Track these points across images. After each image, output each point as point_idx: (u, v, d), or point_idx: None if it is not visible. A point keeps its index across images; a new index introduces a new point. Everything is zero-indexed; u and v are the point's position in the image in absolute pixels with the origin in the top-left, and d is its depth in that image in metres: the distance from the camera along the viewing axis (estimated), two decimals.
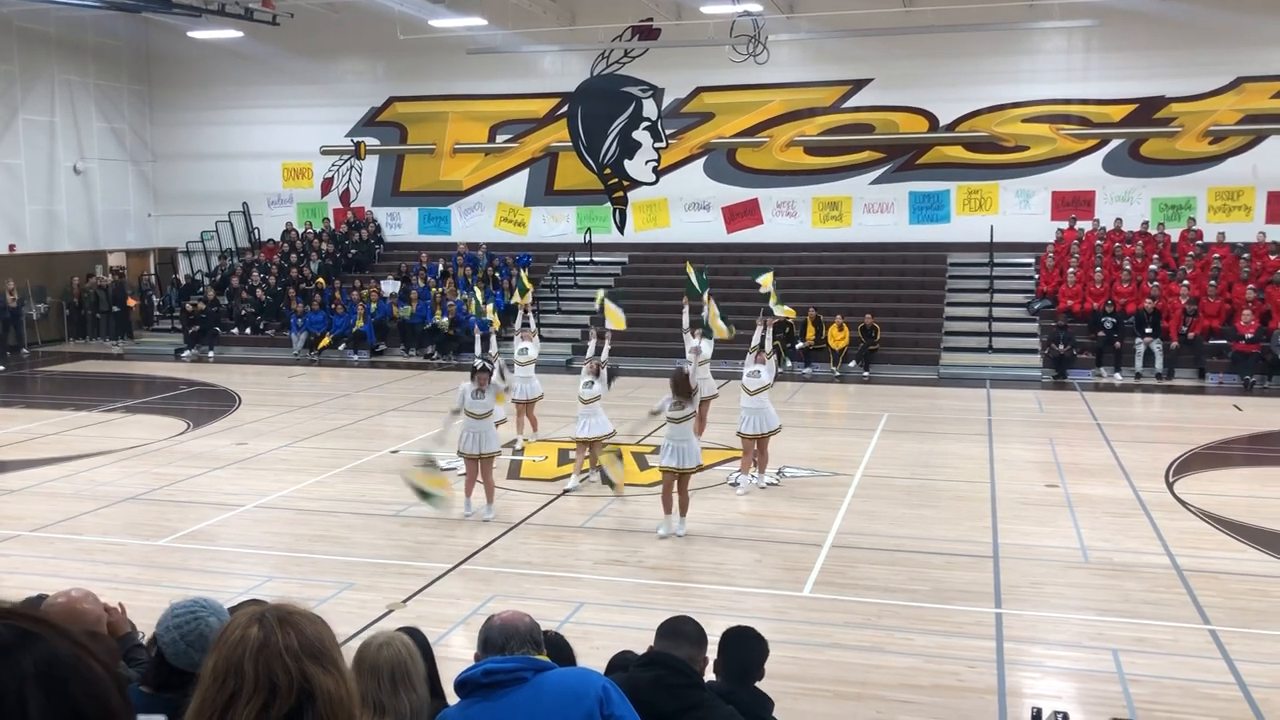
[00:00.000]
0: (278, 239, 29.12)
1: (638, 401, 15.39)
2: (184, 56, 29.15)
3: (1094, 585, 9.22)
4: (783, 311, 14.13)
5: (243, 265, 28.24)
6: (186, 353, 25.20)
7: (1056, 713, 4.43)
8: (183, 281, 28.52)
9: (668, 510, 10.70)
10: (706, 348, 13.66)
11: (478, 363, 12.19)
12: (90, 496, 12.21)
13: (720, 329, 14.26)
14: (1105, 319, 21.46)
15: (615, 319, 14.72)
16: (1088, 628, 8.23)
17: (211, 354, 25.16)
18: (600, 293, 15.63)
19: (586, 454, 12.74)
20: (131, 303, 27.45)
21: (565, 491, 12.30)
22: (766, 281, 14.98)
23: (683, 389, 10.71)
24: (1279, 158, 23.40)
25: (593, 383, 12.59)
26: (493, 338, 14.82)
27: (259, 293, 26.63)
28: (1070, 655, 7.78)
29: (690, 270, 14.74)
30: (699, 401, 12.84)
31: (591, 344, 13.95)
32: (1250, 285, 21.25)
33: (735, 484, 12.59)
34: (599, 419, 12.65)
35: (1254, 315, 20.58)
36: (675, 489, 10.66)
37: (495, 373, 12.37)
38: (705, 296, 14.37)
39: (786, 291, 24.16)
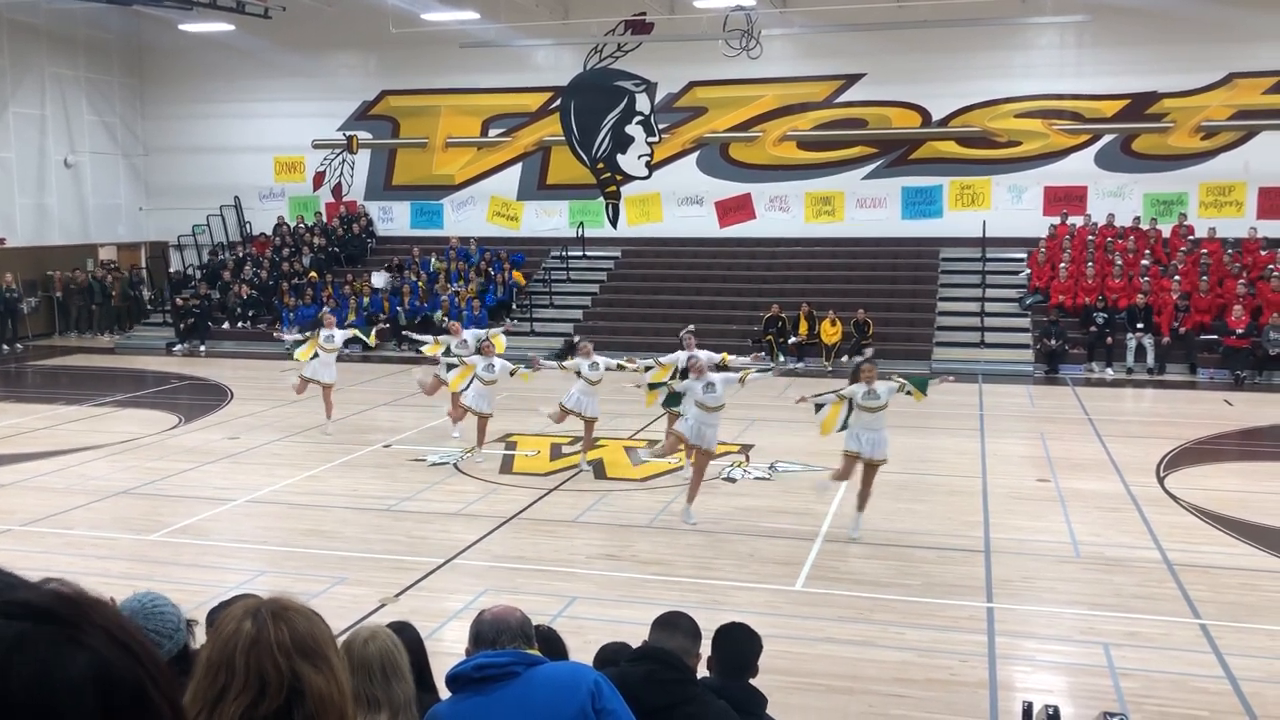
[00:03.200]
0: (269, 233, 29.05)
1: (632, 396, 15.39)
2: (175, 49, 29.04)
3: (1085, 580, 9.24)
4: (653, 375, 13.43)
5: (234, 259, 28.17)
6: (178, 347, 25.13)
7: (1048, 706, 4.43)
8: (175, 276, 28.45)
9: (860, 506, 10.49)
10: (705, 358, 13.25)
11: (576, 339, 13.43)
12: (81, 491, 12.17)
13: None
14: (1097, 314, 21.51)
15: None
16: (1079, 622, 8.25)
17: (203, 348, 25.09)
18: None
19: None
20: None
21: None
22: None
23: (870, 376, 10.50)
24: (1270, 153, 23.46)
25: (597, 365, 13.16)
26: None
27: (245, 289, 26.54)
28: (1061, 649, 7.80)
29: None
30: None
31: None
32: (1241, 280, 21.31)
33: (732, 479, 12.61)
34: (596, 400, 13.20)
35: (1245, 310, 20.63)
36: (862, 481, 10.50)
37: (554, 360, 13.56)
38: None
39: (779, 286, 24.27)
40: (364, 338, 17.05)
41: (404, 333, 23.00)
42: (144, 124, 30.34)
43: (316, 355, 15.21)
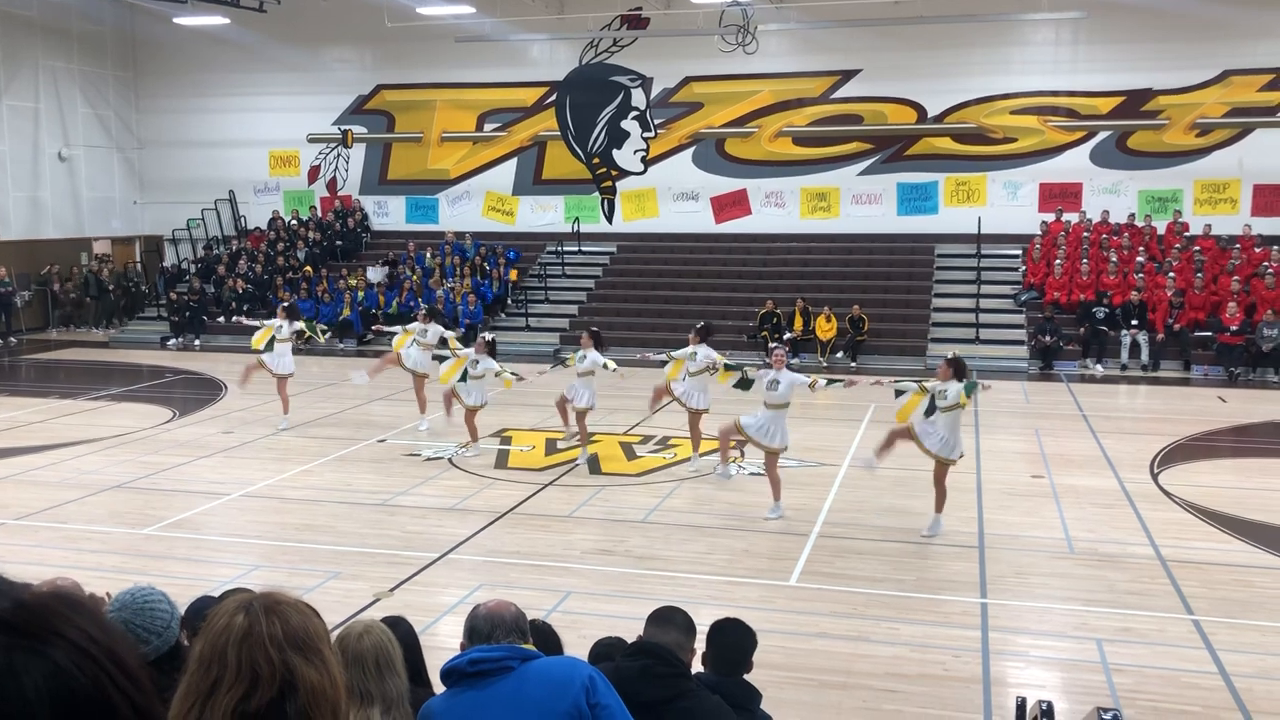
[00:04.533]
0: (264, 227, 29.00)
1: (626, 391, 15.38)
2: (170, 43, 28.96)
3: (1079, 575, 9.26)
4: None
5: (229, 254, 28.12)
6: (172, 341, 25.08)
7: (1041, 702, 4.44)
8: (169, 270, 28.39)
9: (938, 507, 10.45)
10: (704, 355, 12.97)
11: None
12: (75, 485, 12.15)
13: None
14: (1098, 309, 21.52)
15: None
16: (1072, 618, 8.27)
17: (198, 342, 25.05)
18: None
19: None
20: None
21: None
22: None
23: (960, 370, 10.45)
24: (1265, 151, 23.50)
25: (584, 356, 13.24)
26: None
27: (239, 284, 26.49)
28: (1055, 645, 7.81)
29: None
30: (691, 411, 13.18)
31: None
32: (1235, 277, 21.35)
33: (727, 475, 12.62)
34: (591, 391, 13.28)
35: (1239, 307, 20.68)
36: (934, 481, 10.46)
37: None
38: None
39: (774, 282, 24.28)
40: (312, 333, 16.90)
41: (374, 327, 22.97)
42: (138, 117, 30.26)
43: (271, 344, 15.31)
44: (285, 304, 16.67)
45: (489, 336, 14.18)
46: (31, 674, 1.28)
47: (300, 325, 16.05)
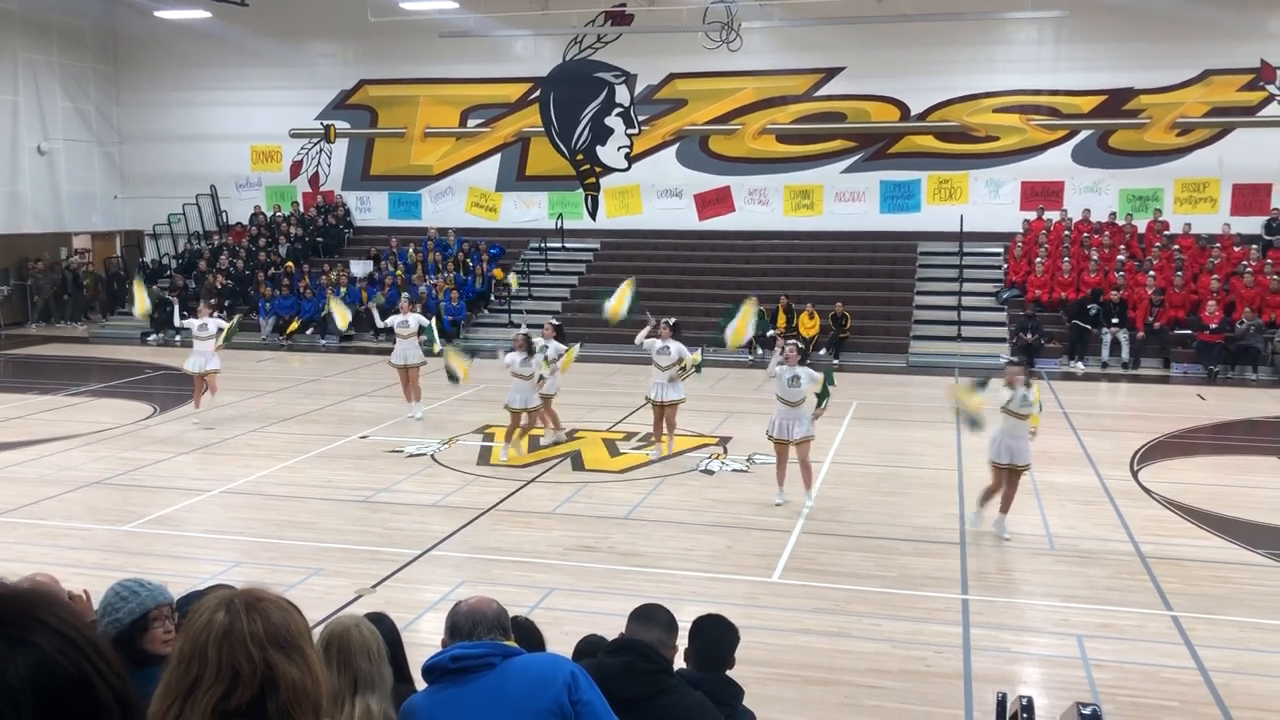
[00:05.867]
0: (246, 222, 28.86)
1: (612, 388, 15.38)
2: (151, 37, 28.76)
3: (1059, 572, 9.32)
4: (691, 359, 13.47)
5: (210, 249, 27.97)
6: (152, 337, 24.92)
7: (1021, 697, 4.47)
8: (150, 265, 28.22)
9: (1004, 509, 10.23)
10: (676, 348, 13.39)
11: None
12: (55, 481, 12.07)
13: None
14: (1090, 306, 21.59)
15: (463, 370, 14.59)
16: (1053, 614, 8.32)
17: (178, 338, 24.87)
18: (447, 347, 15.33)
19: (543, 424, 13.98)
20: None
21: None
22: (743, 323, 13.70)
23: (1016, 379, 10.25)
24: (1244, 150, 23.67)
25: (546, 346, 13.54)
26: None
27: (221, 279, 26.35)
28: (1036, 641, 7.86)
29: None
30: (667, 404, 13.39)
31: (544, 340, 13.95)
32: (1214, 276, 21.50)
33: (710, 471, 12.65)
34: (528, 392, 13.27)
35: (1218, 306, 20.83)
36: (1007, 485, 10.22)
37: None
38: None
39: (757, 279, 24.29)
40: (226, 330, 16.70)
41: (369, 304, 22.56)
42: (119, 111, 30.05)
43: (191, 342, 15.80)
44: (211, 300, 17.19)
45: (672, 320, 14.39)
46: (16, 662, 1.29)
47: (220, 325, 16.11)
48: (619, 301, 14.13)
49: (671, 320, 14.17)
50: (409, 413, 15.61)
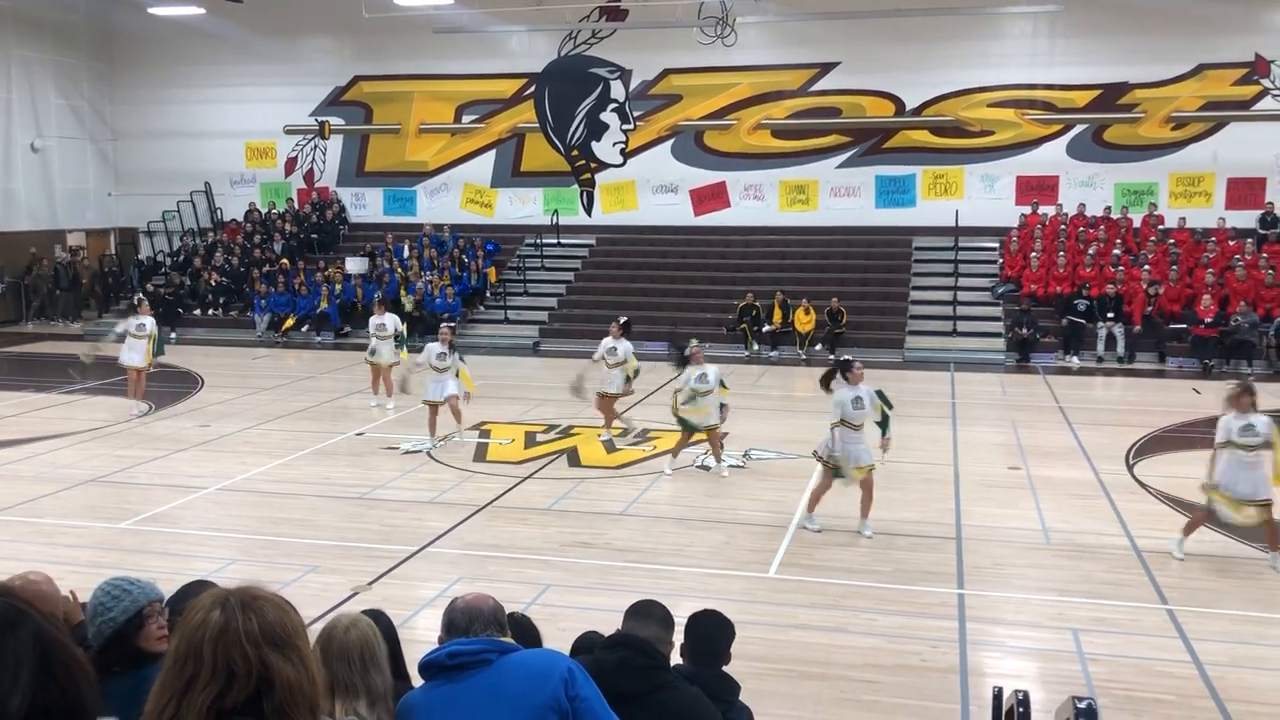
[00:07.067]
0: (241, 219, 28.81)
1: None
2: (145, 33, 28.67)
3: (1055, 566, 9.33)
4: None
5: (205, 246, 27.92)
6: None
7: (1017, 691, 4.48)
8: (144, 262, 28.17)
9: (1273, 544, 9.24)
10: (624, 347, 13.99)
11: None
12: (50, 479, 12.05)
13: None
14: (1078, 302, 21.63)
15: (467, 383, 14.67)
16: (1048, 608, 8.34)
17: (174, 335, 24.85)
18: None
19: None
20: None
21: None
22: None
23: (1246, 405, 9.11)
24: (1239, 144, 23.70)
25: (445, 354, 13.62)
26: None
27: (216, 277, 26.31)
28: (1031, 635, 7.87)
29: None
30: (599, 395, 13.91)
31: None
32: (1209, 270, 21.53)
33: (705, 467, 12.65)
34: (451, 384, 13.58)
35: (1213, 300, 20.86)
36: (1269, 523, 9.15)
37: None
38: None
39: (753, 275, 24.31)
40: (152, 341, 16.38)
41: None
42: (112, 108, 29.97)
43: (124, 338, 16.00)
44: (141, 298, 17.80)
45: (623, 319, 14.68)
46: (20, 630, 1.47)
47: (150, 328, 16.06)
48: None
49: (623, 319, 14.60)
50: (378, 402, 16.12)
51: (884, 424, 10.30)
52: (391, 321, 16.54)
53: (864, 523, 10.13)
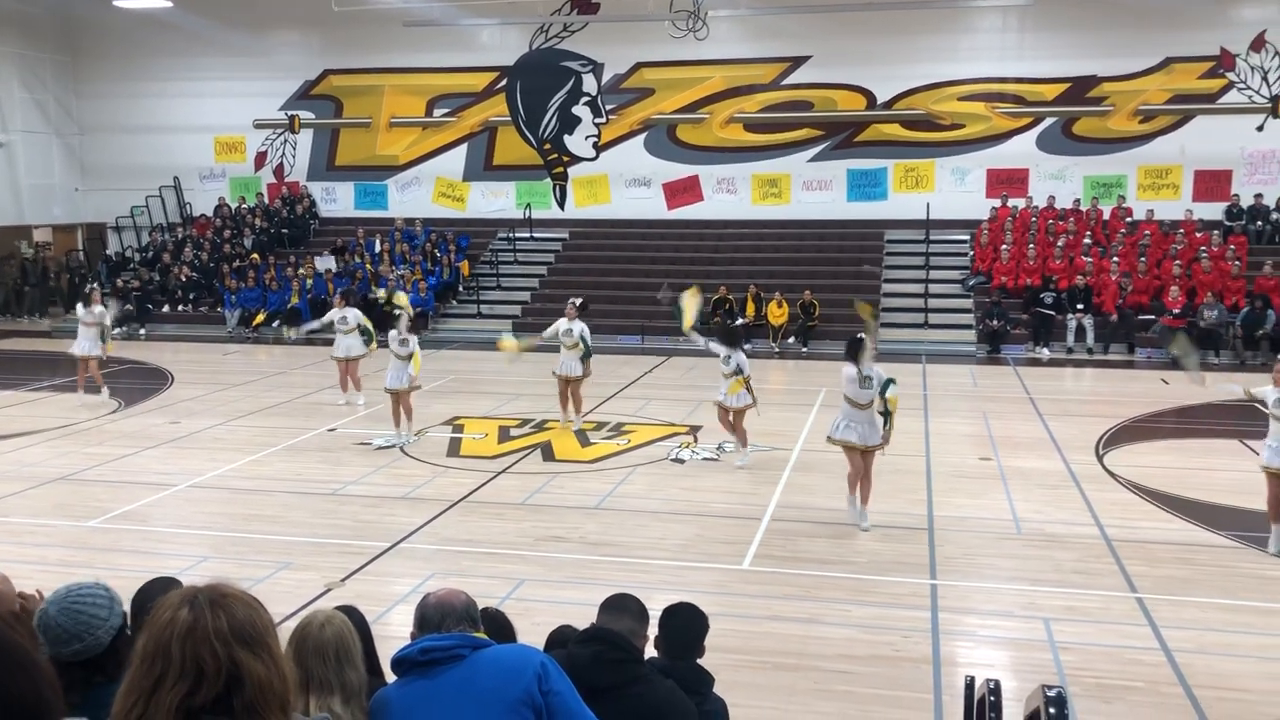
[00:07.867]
0: (210, 214, 28.57)
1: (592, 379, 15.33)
2: (110, 26, 28.36)
3: (1026, 556, 9.41)
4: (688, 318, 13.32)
5: (174, 241, 27.66)
6: (117, 330, 24.59)
7: (989, 680, 4.51)
8: (113, 258, 27.88)
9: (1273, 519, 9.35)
10: (579, 328, 14.27)
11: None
12: (17, 477, 11.92)
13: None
14: (1044, 295, 21.79)
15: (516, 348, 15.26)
16: (1020, 598, 8.40)
17: (143, 331, 24.63)
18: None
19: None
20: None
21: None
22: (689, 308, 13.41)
23: None
24: (1205, 137, 23.96)
25: (406, 341, 13.59)
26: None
27: (185, 272, 26.08)
28: (1003, 625, 7.93)
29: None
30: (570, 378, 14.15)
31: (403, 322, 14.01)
32: (1177, 261, 21.74)
33: (680, 460, 12.67)
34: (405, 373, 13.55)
35: (1181, 291, 21.07)
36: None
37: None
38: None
39: (726, 268, 24.35)
40: (108, 327, 16.52)
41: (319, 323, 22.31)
42: (78, 103, 29.63)
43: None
44: (95, 286, 17.70)
45: (579, 300, 15.09)
46: None
47: (107, 320, 16.43)
48: (688, 315, 13.27)
49: (578, 300, 14.90)
50: (348, 399, 15.96)
51: (885, 416, 10.18)
52: (354, 315, 16.42)
53: (863, 511, 10.09)
